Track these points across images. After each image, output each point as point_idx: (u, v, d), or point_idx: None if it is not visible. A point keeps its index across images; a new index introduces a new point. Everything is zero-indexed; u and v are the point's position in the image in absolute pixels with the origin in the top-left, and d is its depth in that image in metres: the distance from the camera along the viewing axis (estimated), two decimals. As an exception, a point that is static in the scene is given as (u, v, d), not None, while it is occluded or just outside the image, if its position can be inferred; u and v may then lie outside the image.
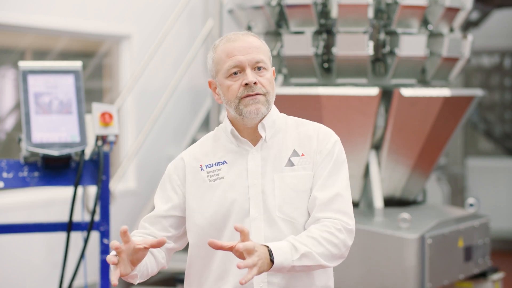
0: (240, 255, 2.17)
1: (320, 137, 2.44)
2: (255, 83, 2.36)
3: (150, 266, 2.38)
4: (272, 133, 2.44)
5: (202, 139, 2.54)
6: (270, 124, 2.43)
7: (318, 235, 2.29)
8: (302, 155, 2.41)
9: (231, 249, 2.17)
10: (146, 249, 2.25)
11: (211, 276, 2.40)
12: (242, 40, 2.39)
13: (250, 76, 2.36)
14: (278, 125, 2.46)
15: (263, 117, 2.41)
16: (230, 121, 2.45)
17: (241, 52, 2.37)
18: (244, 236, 2.16)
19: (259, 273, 2.17)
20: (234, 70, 2.37)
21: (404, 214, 4.33)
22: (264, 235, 2.35)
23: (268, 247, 2.21)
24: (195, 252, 2.44)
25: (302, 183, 2.39)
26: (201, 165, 2.44)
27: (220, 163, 2.43)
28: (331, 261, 2.32)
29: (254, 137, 2.43)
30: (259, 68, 2.38)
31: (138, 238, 2.36)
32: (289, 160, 2.41)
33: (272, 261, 2.20)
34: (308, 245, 2.26)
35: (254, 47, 2.39)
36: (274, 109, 2.47)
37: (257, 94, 2.36)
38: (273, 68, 2.47)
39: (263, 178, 2.39)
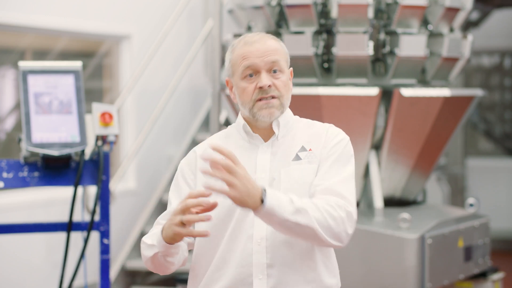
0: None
1: (329, 134, 2.47)
2: (269, 85, 2.39)
3: (181, 252, 2.41)
4: (284, 132, 2.47)
5: (213, 136, 2.58)
6: (283, 123, 2.47)
7: (318, 203, 2.28)
8: (310, 150, 2.44)
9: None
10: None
11: (211, 267, 2.42)
12: (259, 43, 2.42)
13: (265, 79, 2.39)
14: (291, 125, 2.50)
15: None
16: (244, 119, 2.48)
17: (256, 55, 2.40)
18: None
19: (237, 201, 2.17)
20: (249, 72, 2.41)
21: (404, 214, 4.33)
22: (266, 227, 2.36)
23: (264, 189, 2.20)
24: (200, 243, 2.45)
25: (307, 175, 2.40)
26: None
27: None
28: (328, 235, 2.27)
29: (266, 135, 2.47)
30: (274, 71, 2.42)
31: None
32: (297, 155, 2.44)
33: (262, 201, 2.18)
34: (306, 205, 2.25)
35: (271, 50, 2.42)
36: (288, 111, 2.52)
37: (271, 97, 2.40)
38: (291, 69, 2.51)
39: (270, 172, 2.41)
